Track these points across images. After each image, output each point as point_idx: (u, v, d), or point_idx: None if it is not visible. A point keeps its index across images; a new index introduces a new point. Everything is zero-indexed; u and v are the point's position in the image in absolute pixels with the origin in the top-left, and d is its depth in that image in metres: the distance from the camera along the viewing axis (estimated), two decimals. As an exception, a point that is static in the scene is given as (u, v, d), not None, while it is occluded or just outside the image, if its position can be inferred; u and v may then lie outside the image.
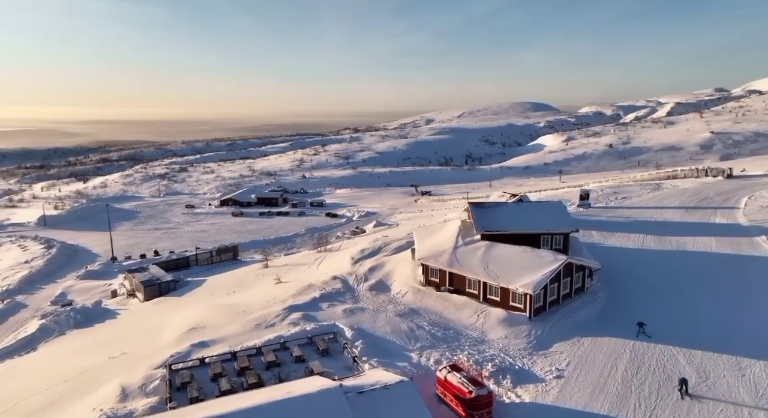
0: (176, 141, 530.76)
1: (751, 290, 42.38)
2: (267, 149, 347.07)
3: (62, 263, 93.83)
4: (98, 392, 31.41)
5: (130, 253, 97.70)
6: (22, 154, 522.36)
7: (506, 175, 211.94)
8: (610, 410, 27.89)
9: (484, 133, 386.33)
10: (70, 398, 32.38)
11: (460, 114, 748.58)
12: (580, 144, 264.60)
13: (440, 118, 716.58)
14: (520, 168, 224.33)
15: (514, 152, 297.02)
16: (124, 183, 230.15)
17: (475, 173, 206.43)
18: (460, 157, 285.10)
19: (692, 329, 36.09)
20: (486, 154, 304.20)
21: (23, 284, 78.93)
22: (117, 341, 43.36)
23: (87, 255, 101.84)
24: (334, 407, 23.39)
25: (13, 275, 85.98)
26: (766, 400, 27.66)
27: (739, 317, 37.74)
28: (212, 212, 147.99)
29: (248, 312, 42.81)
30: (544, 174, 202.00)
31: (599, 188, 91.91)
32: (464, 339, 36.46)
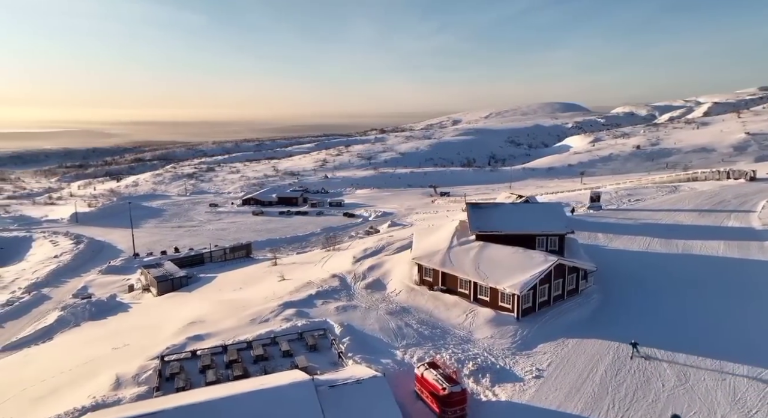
0: (207, 142, 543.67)
1: (751, 295, 41.48)
2: (293, 150, 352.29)
3: (88, 258, 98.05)
4: (96, 380, 33.24)
5: (152, 249, 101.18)
6: (63, 154, 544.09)
7: (529, 176, 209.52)
8: (583, 411, 28.05)
9: (510, 134, 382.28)
10: (71, 385, 34.34)
11: (487, 115, 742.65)
12: (607, 145, 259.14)
13: (467, 119, 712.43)
14: (544, 169, 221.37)
15: (539, 153, 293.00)
16: (154, 182, 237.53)
17: (497, 174, 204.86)
18: (484, 158, 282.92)
19: (681, 332, 35.73)
20: (510, 155, 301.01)
21: (50, 278, 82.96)
22: (123, 333, 45.52)
23: (112, 251, 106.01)
24: (303, 400, 24.38)
25: (42, 269, 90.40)
26: (742, 405, 27.34)
27: (732, 321, 37.12)
28: (234, 210, 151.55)
29: (246, 308, 44.33)
30: (568, 176, 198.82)
31: (614, 190, 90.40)
32: (450, 338, 36.98)
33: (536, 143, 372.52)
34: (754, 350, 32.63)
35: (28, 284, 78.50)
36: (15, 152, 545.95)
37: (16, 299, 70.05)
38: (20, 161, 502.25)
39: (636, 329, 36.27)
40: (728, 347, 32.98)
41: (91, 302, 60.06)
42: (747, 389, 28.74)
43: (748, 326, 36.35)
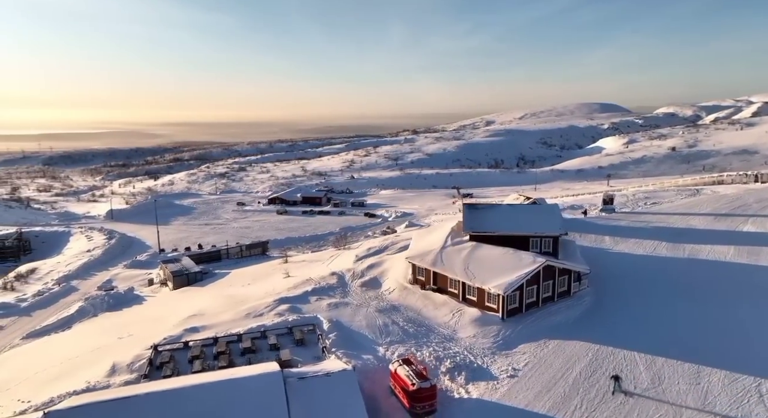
0: (243, 142, 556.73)
1: (747, 301, 40.40)
2: (323, 150, 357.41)
3: (118, 253, 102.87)
4: (95, 367, 35.55)
5: (178, 246, 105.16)
6: (108, 153, 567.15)
7: (558, 178, 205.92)
8: (549, 410, 28.40)
9: (543, 135, 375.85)
10: (74, 371, 36.80)
11: (521, 115, 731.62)
12: (641, 147, 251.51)
13: (500, 120, 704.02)
14: (573, 171, 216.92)
15: (571, 155, 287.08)
16: (189, 181, 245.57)
17: (523, 176, 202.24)
18: (513, 159, 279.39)
19: (667, 336, 35.35)
20: (540, 156, 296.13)
21: (80, 270, 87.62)
22: (132, 324, 48.15)
23: (141, 246, 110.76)
24: (269, 389, 25.71)
25: (75, 262, 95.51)
26: (712, 408, 27.07)
27: (720, 327, 36.44)
28: (259, 209, 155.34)
29: (245, 302, 46.17)
30: (597, 178, 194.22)
31: (633, 193, 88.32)
32: (434, 336, 37.66)
33: (569, 145, 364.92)
34: (733, 354, 32.10)
35: (59, 276, 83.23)
36: (66, 152, 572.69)
37: (46, 290, 74.52)
38: (70, 160, 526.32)
39: (621, 332, 36.24)
40: (712, 352, 32.55)
41: (109, 294, 63.42)
42: (720, 392, 28.41)
43: (738, 331, 35.69)
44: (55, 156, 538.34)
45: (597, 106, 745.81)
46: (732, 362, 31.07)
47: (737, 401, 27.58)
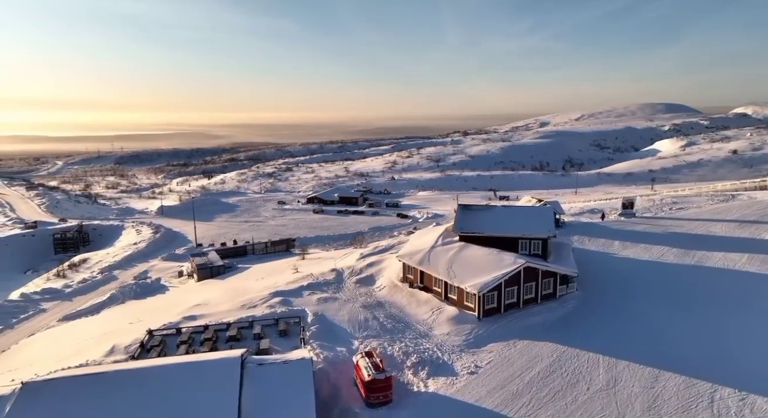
0: (295, 143, 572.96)
1: (741, 309, 38.94)
2: (369, 151, 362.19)
3: (161, 246, 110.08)
4: (99, 348, 39.46)
5: (215, 241, 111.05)
6: (172, 153, 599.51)
7: (604, 181, 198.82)
8: (497, 406, 29.13)
9: (597, 137, 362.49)
10: (82, 351, 40.88)
11: (578, 116, 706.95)
12: (699, 150, 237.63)
13: (555, 121, 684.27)
14: (621, 175, 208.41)
15: (623, 158, 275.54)
16: (239, 180, 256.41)
17: (567, 179, 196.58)
18: (559, 161, 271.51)
19: (639, 341, 34.93)
20: (590, 159, 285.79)
21: (123, 261, 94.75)
22: (146, 311, 52.38)
23: (183, 240, 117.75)
24: (225, 372, 27.99)
25: (121, 254, 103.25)
26: (656, 412, 26.89)
27: (700, 334, 35.49)
28: (298, 208, 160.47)
29: (245, 294, 49.21)
30: (647, 182, 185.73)
31: (660, 198, 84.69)
32: (410, 332, 38.93)
33: (625, 147, 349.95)
34: (703, 361, 31.40)
35: (104, 266, 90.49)
36: (135, 152, 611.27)
37: (90, 278, 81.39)
38: (138, 160, 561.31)
39: (595, 336, 36.16)
40: (681, 358, 32.12)
41: (137, 283, 68.67)
42: (671, 397, 28.12)
43: (718, 338, 34.70)
44: (126, 156, 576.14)
45: (662, 107, 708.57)
46: (698, 368, 30.51)
47: (684, 406, 27.24)
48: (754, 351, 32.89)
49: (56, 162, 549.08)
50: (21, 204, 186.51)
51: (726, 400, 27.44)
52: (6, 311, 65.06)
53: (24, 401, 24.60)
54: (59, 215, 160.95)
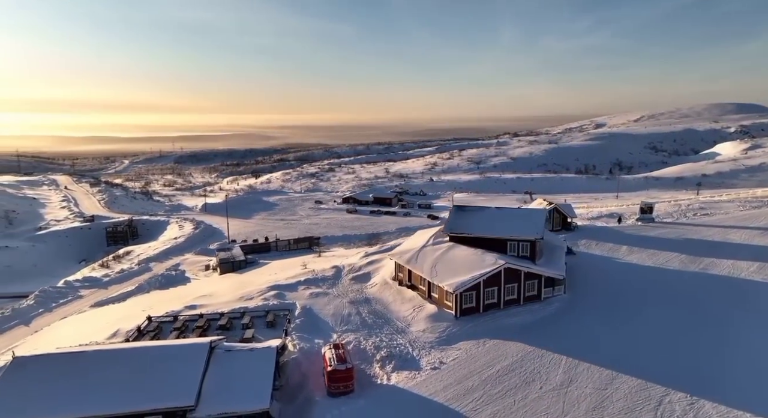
0: (344, 144, 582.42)
1: (730, 317, 37.69)
2: (413, 153, 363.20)
3: (198, 241, 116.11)
4: (105, 332, 43.20)
5: (249, 237, 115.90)
6: (227, 153, 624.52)
7: (651, 186, 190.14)
8: (447, 400, 30.11)
9: (652, 139, 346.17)
10: (93, 333, 44.69)
11: (637, 118, 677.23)
12: (763, 153, 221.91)
13: (612, 123, 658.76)
14: (671, 179, 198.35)
15: (679, 161, 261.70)
16: (283, 180, 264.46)
17: (611, 183, 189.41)
18: (606, 164, 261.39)
19: (610, 345, 34.81)
20: (641, 162, 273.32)
21: (160, 254, 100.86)
22: (160, 301, 56.21)
23: (220, 236, 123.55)
24: (192, 356, 30.69)
25: (161, 247, 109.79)
26: (600, 412, 27.03)
27: (675, 341, 34.79)
28: (333, 208, 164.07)
29: (246, 287, 52.04)
30: (702, 186, 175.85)
31: (688, 203, 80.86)
32: (388, 328, 40.27)
33: (684, 150, 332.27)
34: (662, 366, 31.02)
35: (142, 258, 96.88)
36: (193, 152, 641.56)
37: (127, 269, 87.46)
38: (195, 159, 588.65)
39: (567, 338, 36.07)
40: (644, 362, 31.84)
41: (162, 274, 73.45)
42: (620, 399, 28.11)
43: (690, 345, 34.03)
44: (185, 155, 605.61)
45: (732, 107, 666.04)
46: (660, 373, 30.31)
47: (630, 408, 27.23)
48: (722, 359, 32.09)
49: (123, 161, 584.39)
50: (84, 199, 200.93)
51: (674, 404, 27.17)
52: (48, 296, 71.43)
53: (12, 371, 28.07)
54: (116, 210, 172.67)
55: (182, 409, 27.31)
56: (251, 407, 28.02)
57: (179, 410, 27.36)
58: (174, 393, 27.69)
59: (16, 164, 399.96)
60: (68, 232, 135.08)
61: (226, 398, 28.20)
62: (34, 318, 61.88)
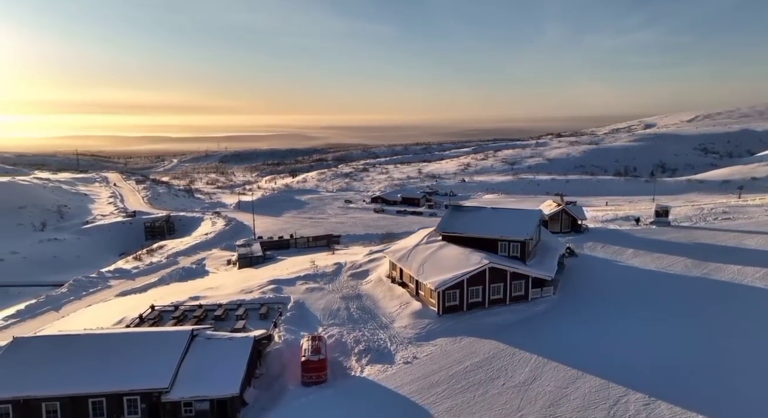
0: (383, 145, 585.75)
1: (719, 324, 36.63)
2: (450, 153, 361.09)
3: (227, 237, 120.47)
4: (113, 318, 46.28)
5: (275, 234, 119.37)
6: (269, 153, 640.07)
7: (694, 189, 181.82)
8: (410, 392, 31.07)
9: (704, 140, 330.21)
10: (103, 320, 47.98)
11: (691, 118, 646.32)
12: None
13: (663, 123, 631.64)
14: (716, 182, 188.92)
15: (731, 163, 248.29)
16: (318, 179, 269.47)
17: (651, 186, 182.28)
18: (648, 166, 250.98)
19: (585, 346, 34.74)
20: (687, 164, 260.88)
21: (189, 249, 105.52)
22: (174, 292, 59.39)
23: (249, 233, 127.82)
24: (174, 341, 32.95)
25: (191, 242, 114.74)
26: (553, 410, 27.29)
27: (652, 343, 34.26)
28: (361, 207, 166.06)
29: (249, 281, 54.33)
30: (747, 191, 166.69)
31: (711, 207, 77.39)
32: (372, 323, 41.45)
33: (738, 151, 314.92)
34: (630, 368, 30.80)
35: (171, 252, 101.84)
36: (236, 151, 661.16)
37: (156, 263, 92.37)
38: (238, 159, 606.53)
39: (543, 338, 36.21)
40: (616, 362, 31.72)
41: (183, 268, 77.20)
42: (577, 397, 28.24)
43: (667, 349, 33.56)
44: (228, 155, 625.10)
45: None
46: (626, 374, 30.07)
47: (585, 406, 27.43)
48: (691, 361, 31.62)
49: (173, 160, 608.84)
50: (130, 196, 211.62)
51: (629, 404, 27.14)
52: (80, 285, 76.54)
53: (10, 350, 31.09)
54: (157, 206, 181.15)
55: (157, 391, 29.49)
56: (221, 392, 29.87)
57: (155, 392, 29.54)
58: (151, 376, 29.91)
59: (75, 162, 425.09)
60: (111, 226, 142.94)
61: (199, 383, 30.17)
62: (65, 305, 66.49)
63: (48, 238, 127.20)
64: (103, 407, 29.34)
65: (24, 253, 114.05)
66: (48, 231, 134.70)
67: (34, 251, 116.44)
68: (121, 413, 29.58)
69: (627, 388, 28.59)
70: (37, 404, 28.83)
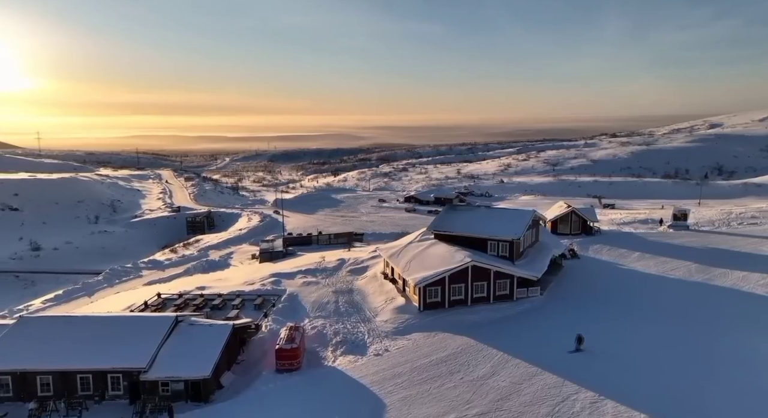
0: (428, 145, 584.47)
1: (707, 330, 35.35)
2: (494, 153, 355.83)
3: (258, 232, 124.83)
4: (125, 304, 49.80)
5: (305, 231, 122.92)
6: (316, 153, 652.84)
7: (751, 193, 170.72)
8: (371, 382, 32.18)
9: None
10: (116, 306, 51.75)
11: (763, 117, 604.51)
12: None
13: (731, 122, 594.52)
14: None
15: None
16: (358, 179, 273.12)
17: (701, 189, 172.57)
18: (703, 168, 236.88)
19: (554, 346, 34.32)
20: (748, 167, 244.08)
21: (221, 243, 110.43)
22: (192, 282, 62.86)
23: (281, 229, 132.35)
24: (157, 325, 35.44)
25: (225, 237, 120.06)
26: (500, 405, 27.52)
27: (625, 346, 33.63)
28: (394, 206, 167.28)
29: (255, 274, 56.85)
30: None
31: (739, 212, 72.86)
32: (356, 316, 42.75)
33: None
34: (591, 369, 30.57)
35: (204, 246, 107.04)
36: (286, 151, 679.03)
37: (188, 255, 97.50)
38: (286, 158, 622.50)
39: (515, 336, 36.32)
40: (578, 363, 31.47)
41: (207, 260, 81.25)
42: (528, 393, 28.47)
43: (632, 351, 32.82)
44: (278, 154, 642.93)
45: None
46: (582, 374, 29.81)
47: (533, 401, 27.66)
48: (659, 362, 30.87)
49: (225, 159, 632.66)
50: (178, 192, 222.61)
51: (577, 401, 27.16)
52: (115, 273, 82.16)
53: (15, 328, 34.59)
54: (202, 203, 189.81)
55: (136, 370, 32.03)
56: (194, 374, 32.11)
57: (135, 371, 32.10)
58: (132, 357, 32.53)
59: (136, 160, 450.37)
60: (157, 220, 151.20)
61: (175, 365, 32.51)
62: (97, 291, 71.60)
63: (99, 230, 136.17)
64: (89, 382, 32.23)
65: (77, 243, 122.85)
66: (100, 224, 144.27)
67: (85, 242, 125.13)
68: (105, 389, 32.39)
69: (580, 386, 28.46)
70: (33, 377, 32.06)
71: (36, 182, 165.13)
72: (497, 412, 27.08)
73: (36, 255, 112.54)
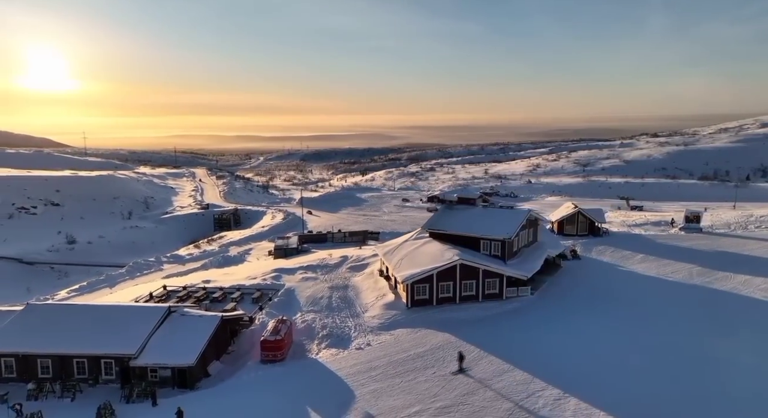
0: (459, 145, 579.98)
1: (696, 332, 34.66)
2: (527, 153, 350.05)
3: (281, 230, 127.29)
4: (134, 296, 52.24)
5: (326, 229, 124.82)
6: (347, 152, 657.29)
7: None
8: (346, 374, 33.16)
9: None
10: (126, 297, 54.28)
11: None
12: None
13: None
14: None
15: None
16: (385, 178, 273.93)
17: (741, 191, 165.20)
18: (745, 170, 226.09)
19: (532, 345, 34.55)
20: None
21: (242, 240, 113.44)
22: (203, 276, 65.14)
23: (302, 226, 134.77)
24: (149, 315, 37.42)
25: (248, 233, 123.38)
26: (463, 401, 27.99)
27: (607, 347, 33.33)
28: (417, 206, 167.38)
29: (260, 269, 58.53)
30: None
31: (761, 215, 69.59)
32: (346, 312, 43.75)
33: None
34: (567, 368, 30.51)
35: (226, 242, 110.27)
36: (317, 150, 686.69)
37: (209, 251, 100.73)
38: (318, 157, 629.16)
39: (496, 334, 36.51)
40: (554, 363, 31.44)
41: (223, 255, 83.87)
42: (494, 389, 28.68)
43: (613, 351, 32.53)
44: (309, 153, 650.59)
45: None
46: (554, 373, 29.95)
47: (498, 397, 28.31)
48: (635, 362, 30.57)
49: (259, 158, 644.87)
50: (210, 190, 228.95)
51: (542, 398, 27.60)
52: (137, 267, 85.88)
53: (22, 314, 37.14)
54: (230, 200, 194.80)
55: (127, 356, 33.95)
56: (179, 362, 33.81)
57: (125, 357, 34.03)
58: (123, 344, 34.52)
59: (174, 158, 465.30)
60: (186, 217, 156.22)
61: (163, 352, 34.30)
62: (119, 283, 75.14)
63: (131, 225, 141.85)
64: (85, 366, 34.40)
65: (109, 238, 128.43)
66: (133, 219, 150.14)
67: (117, 237, 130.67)
68: (99, 373, 34.49)
69: (548, 383, 28.65)
70: (34, 360, 34.45)
71: (76, 179, 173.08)
72: (460, 406, 27.53)
73: (71, 248, 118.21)
